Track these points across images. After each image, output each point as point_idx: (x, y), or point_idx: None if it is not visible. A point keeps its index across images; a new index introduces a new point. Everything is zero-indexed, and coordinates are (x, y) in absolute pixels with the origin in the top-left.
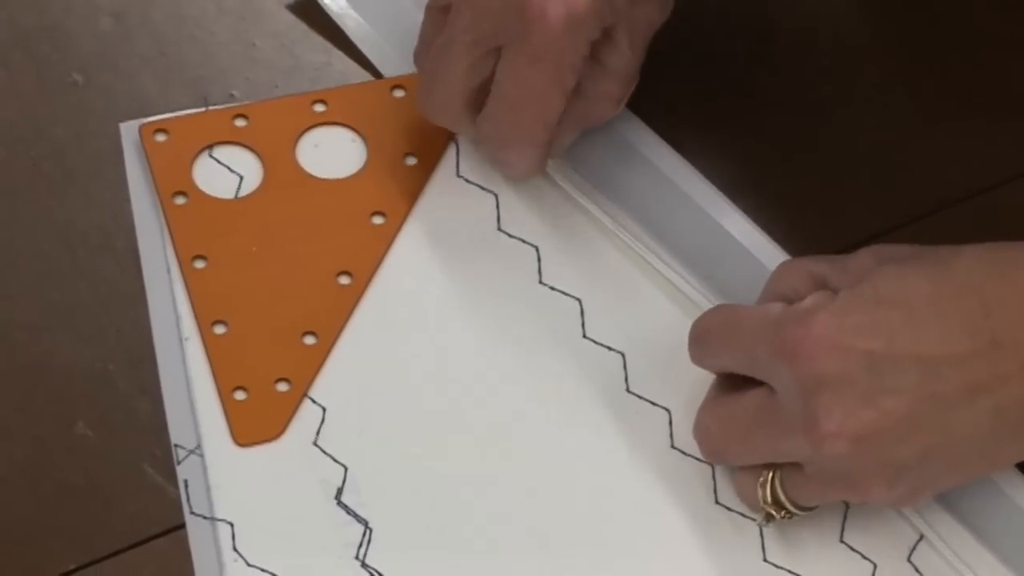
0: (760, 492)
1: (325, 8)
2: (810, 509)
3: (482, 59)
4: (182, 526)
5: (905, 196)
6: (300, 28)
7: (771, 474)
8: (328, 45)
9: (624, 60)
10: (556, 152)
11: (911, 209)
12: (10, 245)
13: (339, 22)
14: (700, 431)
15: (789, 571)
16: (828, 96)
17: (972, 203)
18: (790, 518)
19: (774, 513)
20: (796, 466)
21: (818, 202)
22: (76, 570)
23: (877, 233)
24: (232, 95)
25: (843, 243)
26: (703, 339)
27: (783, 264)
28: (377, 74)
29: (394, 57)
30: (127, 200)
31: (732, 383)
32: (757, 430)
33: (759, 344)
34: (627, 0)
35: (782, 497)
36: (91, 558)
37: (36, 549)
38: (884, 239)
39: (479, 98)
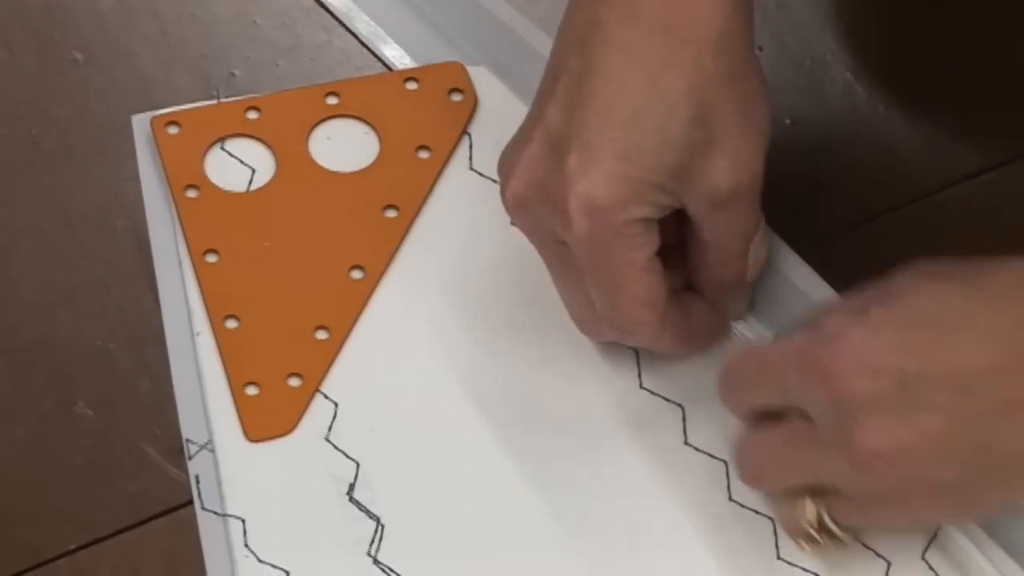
0: (803, 516)
1: None
2: (855, 532)
3: (562, 261)
4: (183, 506)
5: (898, 180)
6: (301, 7)
7: (814, 499)
8: (329, 23)
9: (710, 228)
10: (735, 317)
11: (907, 192)
12: (10, 224)
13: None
14: (738, 453)
15: (803, 569)
16: (816, 83)
17: (966, 186)
18: (836, 542)
19: (818, 538)
20: (838, 491)
21: (808, 188)
22: (77, 550)
23: (866, 215)
24: (233, 73)
25: (833, 227)
26: (730, 377)
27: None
28: (375, 54)
29: (385, 35)
30: (128, 179)
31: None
32: (795, 450)
33: (789, 370)
34: (682, 168)
35: (826, 519)
36: (92, 537)
37: (37, 529)
38: (874, 223)
39: None
